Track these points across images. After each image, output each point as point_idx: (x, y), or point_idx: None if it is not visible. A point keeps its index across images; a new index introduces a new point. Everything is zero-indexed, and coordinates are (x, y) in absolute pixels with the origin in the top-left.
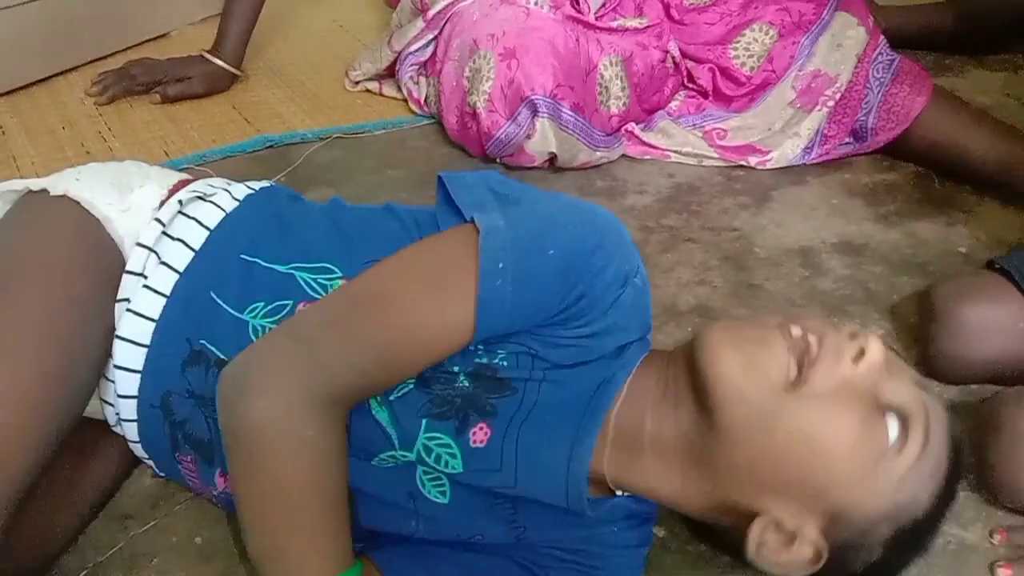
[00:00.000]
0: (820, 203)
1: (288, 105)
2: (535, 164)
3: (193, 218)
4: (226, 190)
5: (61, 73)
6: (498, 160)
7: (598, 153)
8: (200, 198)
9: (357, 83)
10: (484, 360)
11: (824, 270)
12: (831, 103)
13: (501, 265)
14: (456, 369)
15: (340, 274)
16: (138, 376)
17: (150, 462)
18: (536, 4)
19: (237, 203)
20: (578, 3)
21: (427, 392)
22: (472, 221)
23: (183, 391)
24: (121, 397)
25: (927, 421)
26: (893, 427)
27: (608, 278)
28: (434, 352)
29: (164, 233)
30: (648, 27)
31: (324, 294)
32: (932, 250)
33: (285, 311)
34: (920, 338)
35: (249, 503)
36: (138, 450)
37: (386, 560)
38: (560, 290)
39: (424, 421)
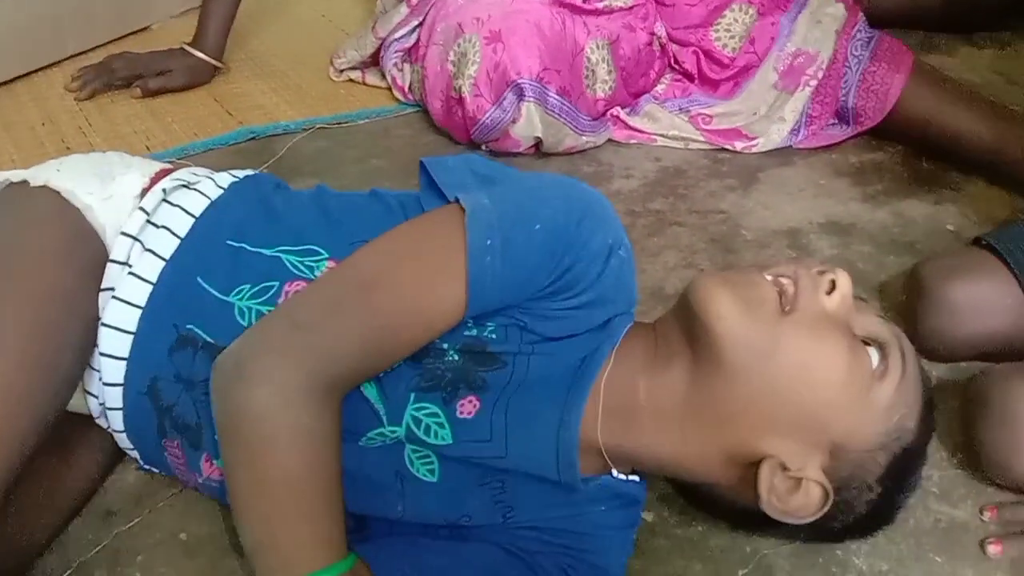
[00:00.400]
0: (807, 184)
1: (271, 96)
2: (520, 149)
3: (178, 206)
4: (210, 178)
5: (41, 69)
6: (484, 146)
7: (584, 138)
8: (184, 186)
9: (341, 72)
10: (474, 333)
11: (811, 251)
12: (813, 82)
13: (489, 242)
14: (446, 345)
15: (327, 255)
16: (124, 363)
17: (135, 453)
18: None
19: (222, 191)
20: None
21: (416, 366)
22: (456, 202)
23: (170, 376)
24: (107, 385)
25: (901, 348)
26: (874, 354)
27: (595, 249)
28: (429, 331)
29: (148, 221)
30: (634, 7)
31: (311, 275)
32: (920, 229)
33: (271, 292)
34: (908, 316)
35: (244, 492)
36: (123, 441)
37: (372, 553)
38: (549, 263)
39: (412, 394)
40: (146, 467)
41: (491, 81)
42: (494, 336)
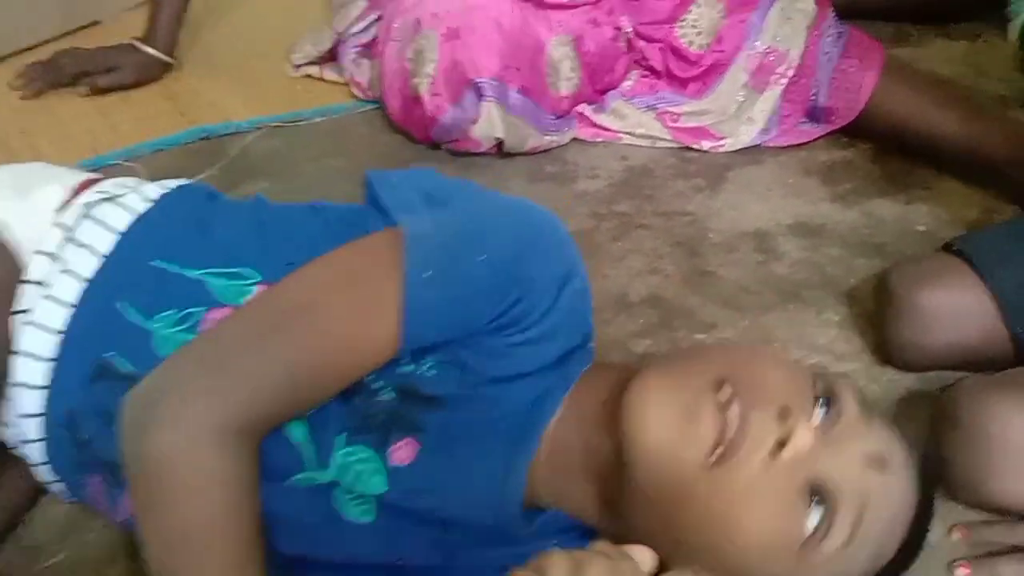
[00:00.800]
0: (776, 184)
1: (224, 93)
2: (482, 150)
3: (101, 222)
4: (137, 191)
5: None
6: (443, 146)
7: (548, 137)
8: (108, 199)
9: (298, 67)
10: (409, 369)
11: (779, 254)
12: (784, 81)
13: (428, 274)
14: (379, 384)
15: (257, 279)
16: (42, 393)
17: (58, 486)
18: None
19: (150, 204)
20: None
21: (346, 405)
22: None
23: (89, 408)
24: (22, 416)
25: (860, 510)
26: (815, 514)
27: (544, 282)
28: (357, 370)
29: (68, 239)
30: (598, 1)
31: (237, 302)
32: (890, 230)
33: (194, 320)
34: (877, 324)
35: (154, 540)
36: (43, 473)
37: None
38: (492, 298)
39: (341, 437)
40: (72, 499)
41: (449, 80)
42: (433, 373)
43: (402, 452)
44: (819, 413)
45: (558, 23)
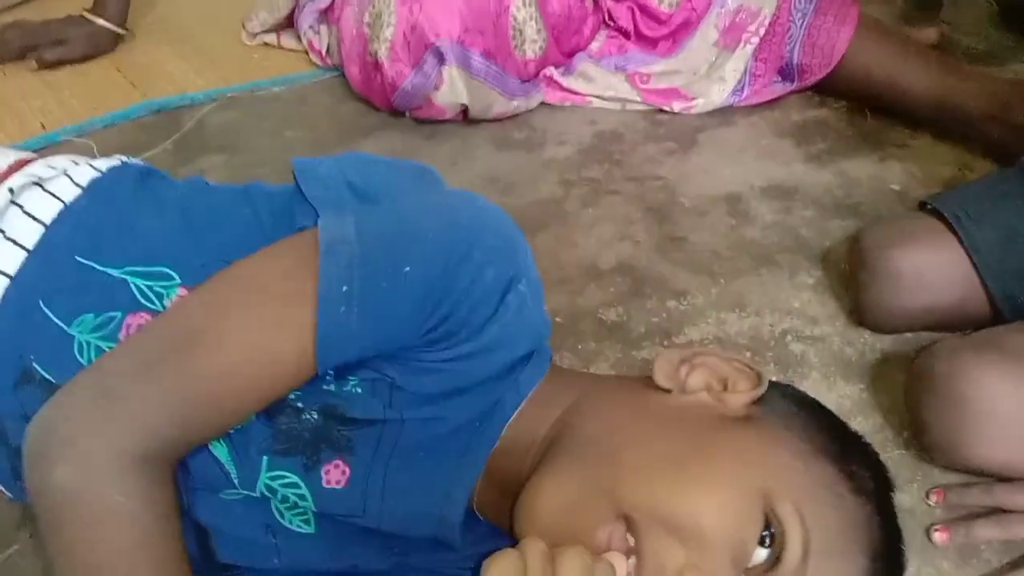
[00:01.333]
0: (748, 145)
1: (178, 64)
2: (446, 117)
3: (27, 213)
4: (67, 174)
5: None
6: (407, 114)
7: (514, 102)
8: (37, 184)
9: (255, 35)
10: (332, 388)
11: (752, 217)
12: (755, 39)
13: (345, 288)
14: (301, 404)
15: (178, 280)
16: None
17: (3, 491)
18: None
19: (79, 191)
20: None
21: (270, 425)
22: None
23: (17, 414)
24: None
25: None
26: None
27: (481, 291)
28: (268, 393)
29: None
30: None
31: (158, 305)
32: (864, 189)
33: (112, 324)
34: (851, 286)
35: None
36: None
37: None
38: (418, 314)
39: (266, 459)
40: (17, 501)
41: (408, 44)
42: (359, 392)
43: (333, 475)
44: (758, 555)
45: None
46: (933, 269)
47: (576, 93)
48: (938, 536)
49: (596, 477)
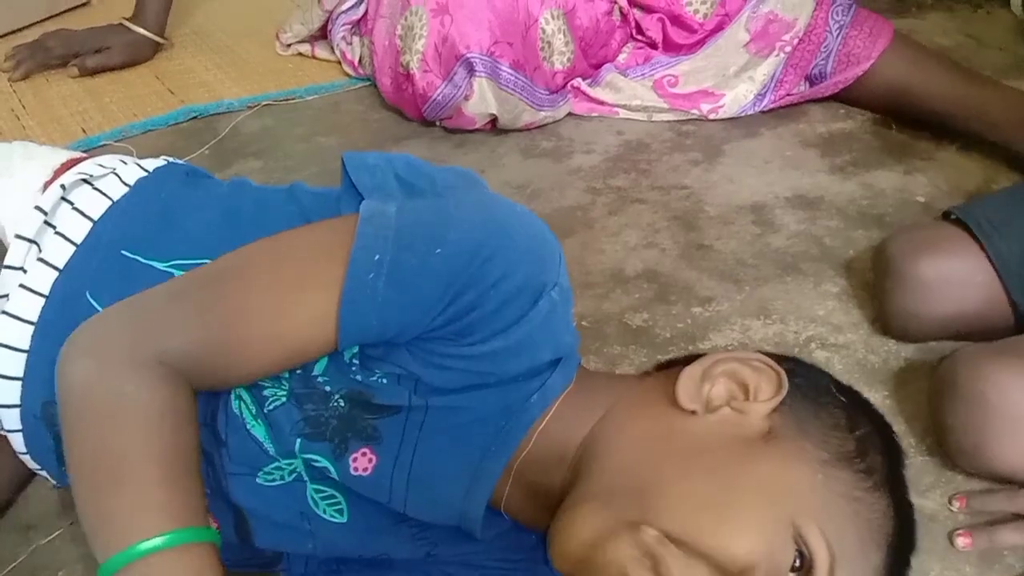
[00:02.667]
0: (773, 156)
1: (215, 72)
2: (476, 126)
3: (77, 208)
4: (115, 173)
5: None
6: (438, 123)
7: (542, 113)
8: (86, 182)
9: (289, 46)
10: (359, 378)
11: (777, 226)
12: (788, 48)
13: (377, 257)
14: (329, 388)
15: None
16: (19, 384)
17: (44, 473)
18: None
19: (127, 188)
20: None
21: (299, 408)
22: None
23: None
24: (2, 407)
25: None
26: None
27: (508, 290)
28: (288, 349)
29: (46, 223)
30: None
31: None
32: (889, 200)
33: None
34: (875, 295)
35: (75, 467)
36: (28, 462)
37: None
38: (443, 296)
39: (299, 441)
40: (60, 487)
41: (440, 56)
42: (384, 381)
43: (360, 462)
44: None
45: None
46: (957, 277)
47: (603, 103)
48: (961, 541)
49: (626, 513)
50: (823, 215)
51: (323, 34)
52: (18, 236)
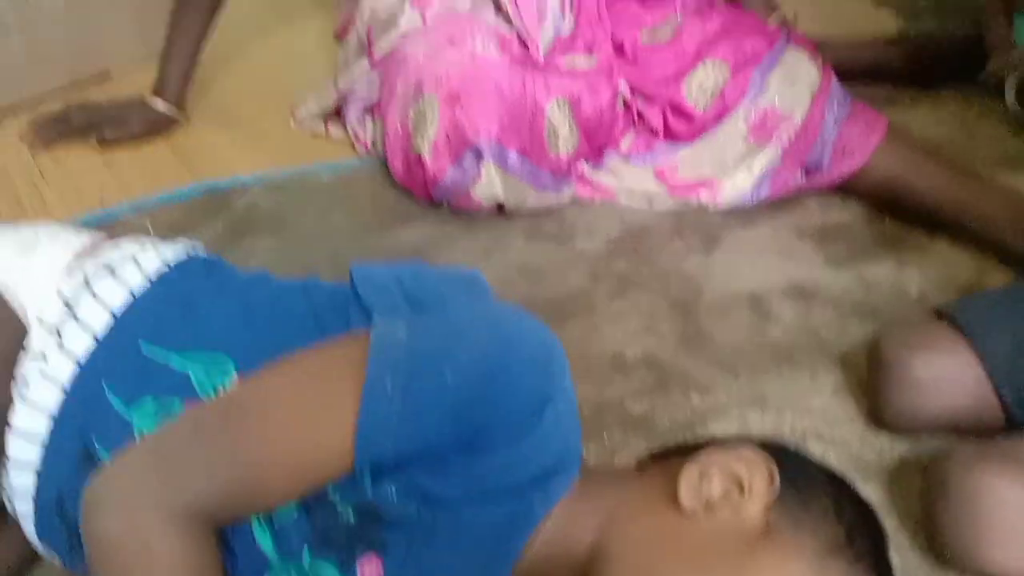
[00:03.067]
0: (770, 246)
1: (230, 147)
2: (483, 209)
3: (99, 299)
4: (136, 261)
5: None
6: (446, 204)
7: (547, 196)
8: (108, 270)
9: (302, 123)
10: (370, 492)
11: (773, 317)
12: (785, 140)
13: (390, 386)
14: (338, 497)
15: (234, 368)
16: (33, 473)
17: (57, 560)
18: (483, 47)
19: (148, 283)
20: (527, 44)
21: (308, 518)
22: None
23: (77, 491)
24: (15, 492)
25: None
26: None
27: (516, 406)
28: (308, 477)
29: (68, 313)
30: (598, 67)
31: (213, 393)
32: (883, 293)
33: (171, 409)
34: (869, 389)
35: None
36: (39, 546)
37: None
38: (453, 420)
39: (306, 550)
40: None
41: (450, 142)
42: (393, 493)
43: (366, 570)
44: None
45: (557, 86)
46: (949, 375)
47: (605, 189)
48: None
49: None
50: (819, 306)
51: (337, 112)
52: (40, 321)
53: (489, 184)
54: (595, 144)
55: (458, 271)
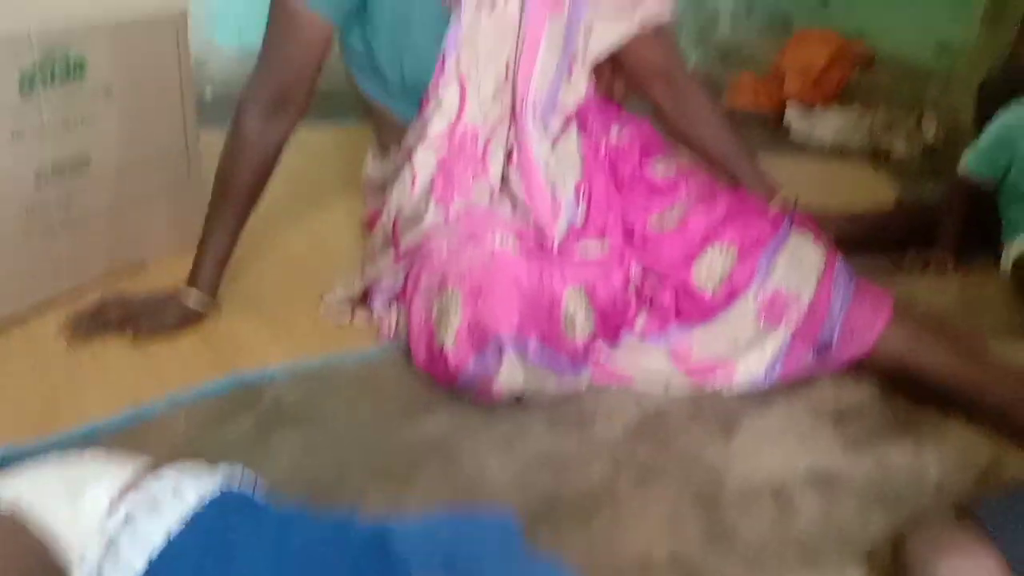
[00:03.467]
0: (788, 428)
1: (259, 337)
2: (503, 397)
3: (138, 538)
4: (176, 496)
5: (35, 306)
6: (467, 394)
7: (566, 382)
8: (148, 507)
9: (330, 310)
10: None
11: (796, 508)
12: (795, 322)
13: None
14: None
15: None
16: None
17: None
18: (501, 242)
19: (183, 524)
20: (543, 236)
21: None
22: None
23: None
24: None
25: None
26: None
27: None
28: None
29: (109, 553)
30: (610, 252)
31: None
32: (903, 479)
33: None
34: None
35: None
36: None
37: None
38: None
39: None
40: None
41: (472, 335)
42: None
43: None
44: None
45: (572, 275)
46: None
47: (622, 374)
48: None
49: None
50: (841, 495)
51: (363, 300)
52: (82, 560)
53: (510, 374)
54: (610, 325)
55: (492, 518)
